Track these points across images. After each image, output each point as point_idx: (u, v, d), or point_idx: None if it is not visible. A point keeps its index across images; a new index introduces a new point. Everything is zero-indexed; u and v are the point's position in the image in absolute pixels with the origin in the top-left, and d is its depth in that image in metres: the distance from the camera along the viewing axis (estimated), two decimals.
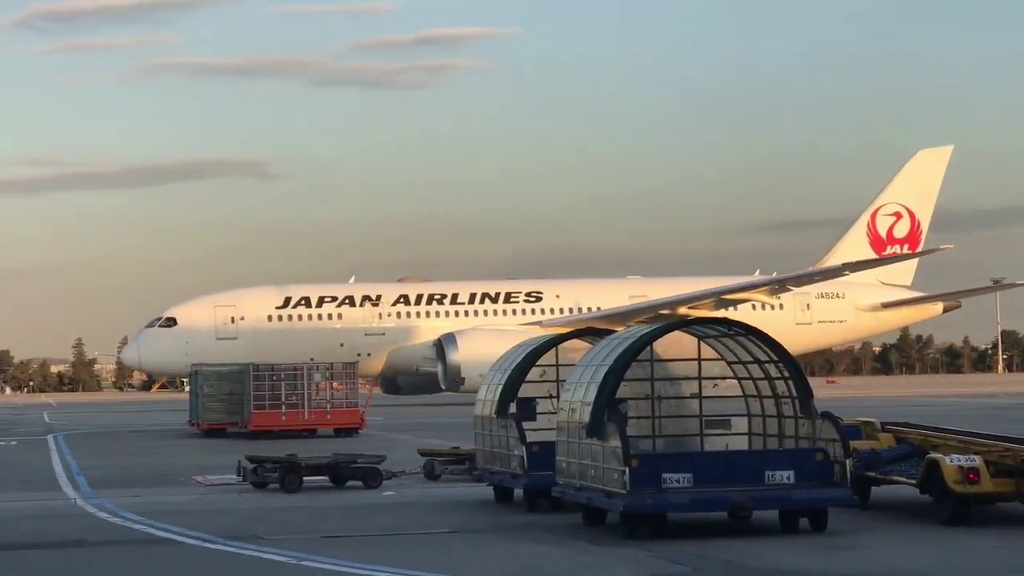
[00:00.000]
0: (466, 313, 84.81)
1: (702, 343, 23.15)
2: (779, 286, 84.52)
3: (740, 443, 23.14)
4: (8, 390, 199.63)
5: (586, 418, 21.16)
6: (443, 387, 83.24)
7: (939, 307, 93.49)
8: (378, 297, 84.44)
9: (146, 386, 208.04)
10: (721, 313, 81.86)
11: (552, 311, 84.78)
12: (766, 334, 22.40)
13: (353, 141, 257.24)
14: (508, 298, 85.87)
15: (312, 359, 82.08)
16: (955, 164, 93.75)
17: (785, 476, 20.82)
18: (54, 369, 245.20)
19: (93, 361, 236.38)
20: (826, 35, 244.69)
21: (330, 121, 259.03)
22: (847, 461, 20.89)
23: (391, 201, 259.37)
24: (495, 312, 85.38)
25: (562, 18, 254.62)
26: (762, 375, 22.73)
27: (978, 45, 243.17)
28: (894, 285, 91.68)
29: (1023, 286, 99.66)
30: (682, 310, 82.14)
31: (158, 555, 20.41)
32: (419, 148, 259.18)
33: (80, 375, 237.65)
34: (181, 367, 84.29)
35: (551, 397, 25.54)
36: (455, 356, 78.43)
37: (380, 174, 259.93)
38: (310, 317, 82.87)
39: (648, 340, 21.93)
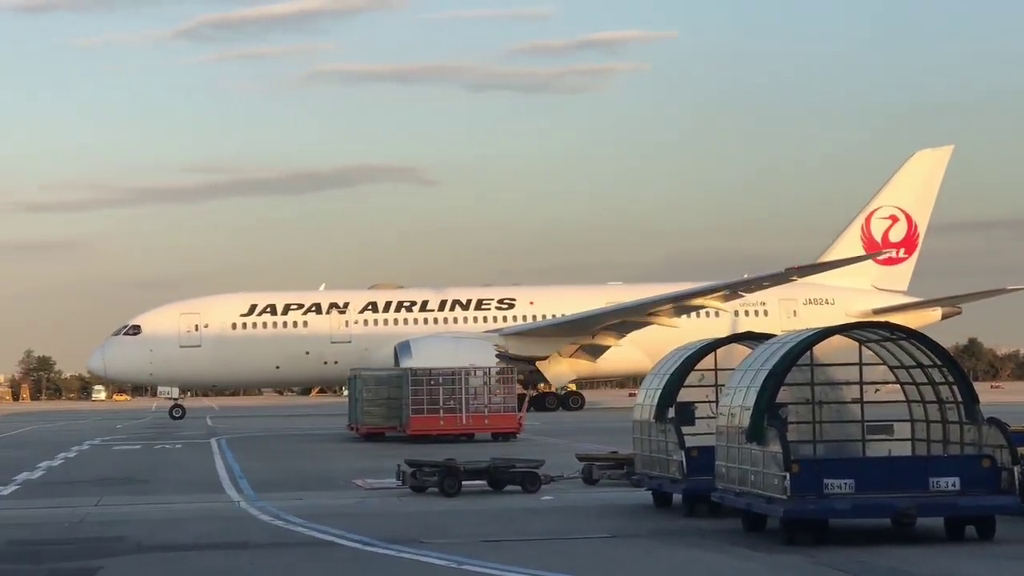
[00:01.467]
0: (435, 320, 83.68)
1: (863, 347, 22.81)
2: (732, 292, 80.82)
3: (903, 449, 22.76)
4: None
5: (746, 423, 20.98)
6: None
7: (937, 313, 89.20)
8: (345, 304, 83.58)
9: (305, 391, 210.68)
10: (680, 320, 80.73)
11: (524, 318, 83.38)
12: (929, 338, 21.98)
13: (509, 146, 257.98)
14: (479, 305, 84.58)
15: (278, 367, 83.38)
16: (956, 165, 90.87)
17: (950, 483, 20.42)
18: None
19: None
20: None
21: (485, 126, 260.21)
22: (1015, 468, 20.45)
23: (547, 205, 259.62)
24: (465, 319, 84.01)
25: (720, 21, 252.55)
26: (925, 380, 22.33)
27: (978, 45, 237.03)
28: (889, 291, 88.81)
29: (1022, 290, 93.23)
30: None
31: (319, 558, 20.60)
32: (576, 152, 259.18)
33: None
34: (144, 375, 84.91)
35: (710, 402, 25.39)
36: (409, 364, 75.83)
37: (536, 178, 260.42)
38: (275, 325, 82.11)
39: (808, 344, 21.66)
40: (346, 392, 70.59)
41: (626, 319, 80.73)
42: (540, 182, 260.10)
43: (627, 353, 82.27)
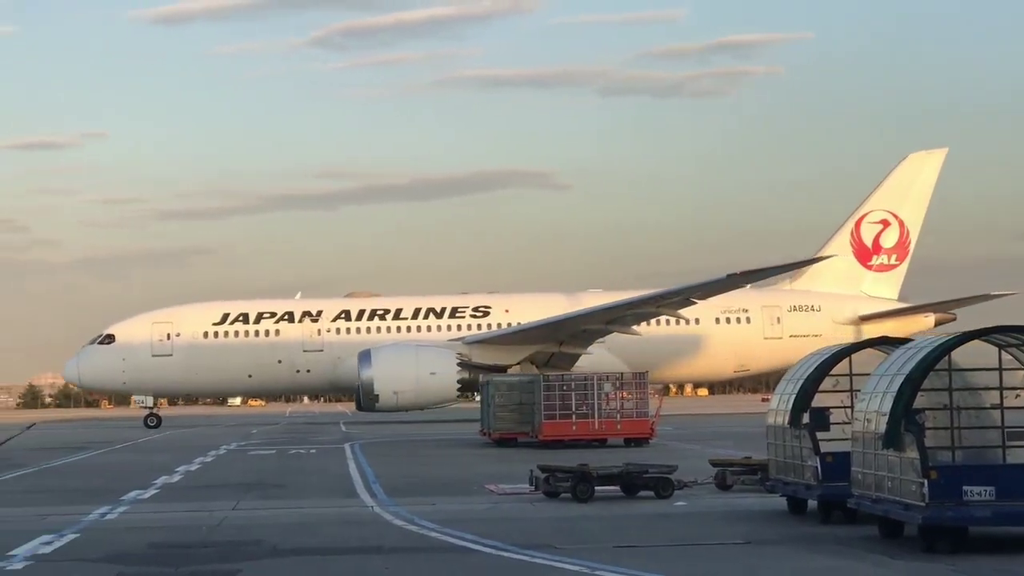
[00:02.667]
0: (408, 329, 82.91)
1: (1003, 352, 22.40)
2: (683, 299, 78.27)
3: None
4: (306, 399, 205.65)
5: (882, 428, 20.71)
6: (360, 406, 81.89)
7: (930, 320, 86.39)
8: (319, 313, 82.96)
9: None
10: (649, 327, 79.74)
11: (500, 326, 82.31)
12: None
13: (641, 150, 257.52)
14: (454, 313, 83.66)
15: (250, 375, 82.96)
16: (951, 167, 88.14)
17: None
18: None
19: None
20: None
21: (618, 130, 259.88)
22: None
23: (680, 209, 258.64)
24: (439, 327, 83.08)
25: (857, 22, 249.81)
26: None
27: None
28: (879, 298, 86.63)
29: (1014, 295, 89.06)
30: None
31: (453, 562, 20.69)
32: (709, 156, 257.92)
33: None
34: (117, 384, 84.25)
35: (845, 407, 25.10)
36: (368, 373, 76.64)
37: (668, 183, 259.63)
38: (247, 333, 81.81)
39: (946, 349, 21.31)
40: (479, 398, 70.74)
41: (586, 327, 79.65)
42: (672, 186, 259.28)
43: (605, 361, 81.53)
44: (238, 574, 19.27)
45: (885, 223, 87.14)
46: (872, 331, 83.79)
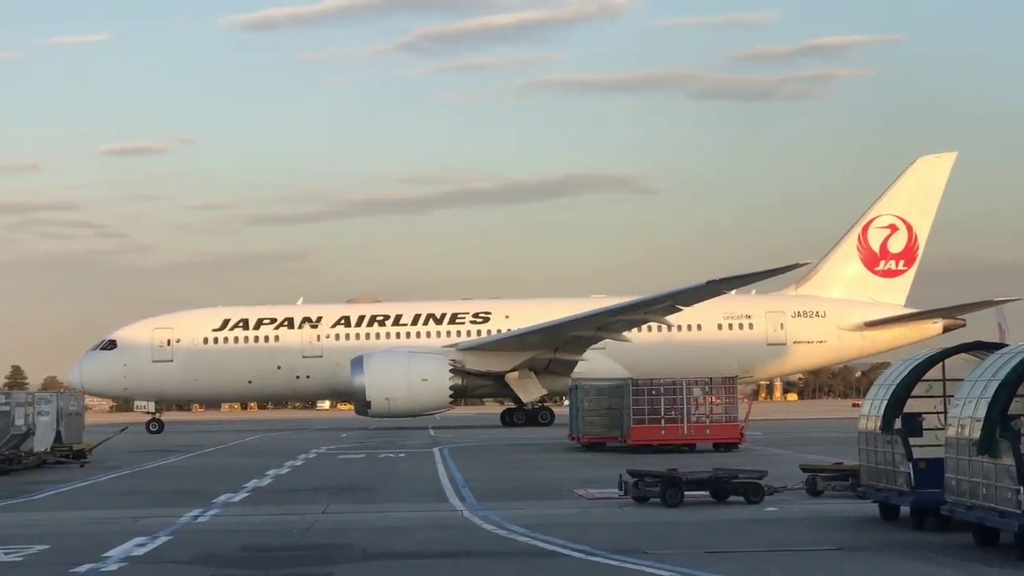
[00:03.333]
0: (408, 335, 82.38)
1: None
2: (669, 306, 77.36)
3: None
4: None
5: (977, 434, 20.46)
6: (356, 411, 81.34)
7: (939, 326, 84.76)
8: (318, 319, 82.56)
9: None
10: (641, 333, 79.15)
11: (499, 332, 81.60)
12: None
13: (731, 154, 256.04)
14: (454, 319, 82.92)
15: (250, 381, 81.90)
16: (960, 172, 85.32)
17: None
18: None
19: None
20: None
21: (708, 134, 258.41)
22: None
23: (769, 212, 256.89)
24: (438, 333, 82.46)
25: (950, 22, 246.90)
26: None
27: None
28: (886, 303, 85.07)
29: (1018, 300, 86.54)
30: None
31: (543, 567, 20.66)
32: (799, 159, 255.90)
33: None
34: (119, 389, 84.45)
35: (938, 412, 24.84)
36: (360, 379, 76.11)
37: (759, 186, 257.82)
38: (246, 339, 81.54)
39: None
40: (567, 402, 70.47)
41: (576, 333, 79.05)
42: (762, 191, 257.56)
43: (606, 367, 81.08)
44: None
45: (893, 228, 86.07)
46: (878, 337, 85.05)
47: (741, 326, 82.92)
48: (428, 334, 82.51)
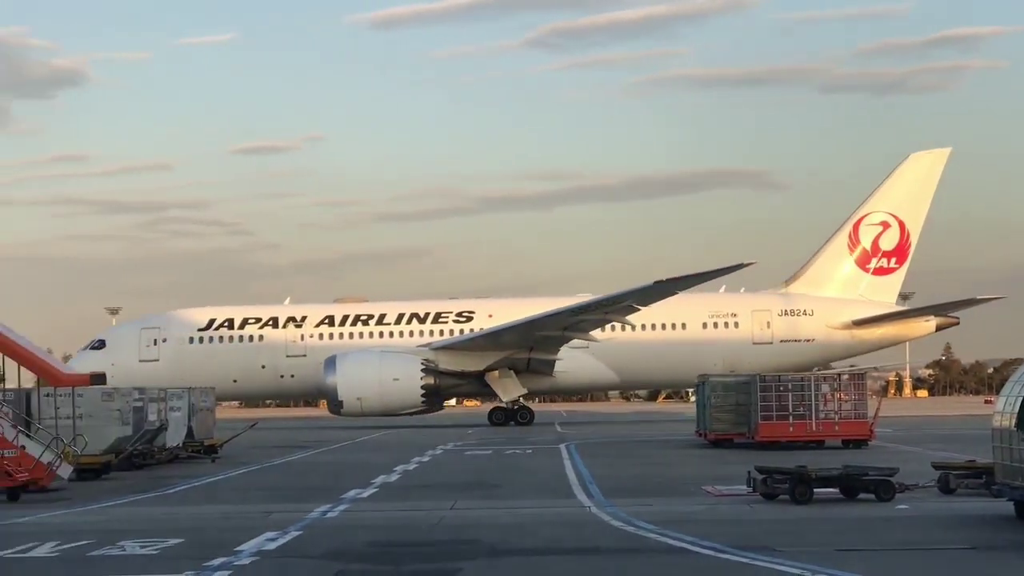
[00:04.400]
0: (391, 334, 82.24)
1: None
2: (628, 306, 76.48)
3: None
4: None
5: None
6: (329, 411, 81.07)
7: (931, 324, 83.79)
8: (303, 318, 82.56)
9: (651, 396, 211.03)
10: (605, 333, 78.35)
11: (481, 331, 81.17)
12: None
13: (859, 148, 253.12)
14: (437, 318, 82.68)
15: (235, 380, 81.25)
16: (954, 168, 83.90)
17: None
18: None
19: None
20: None
21: (836, 128, 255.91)
22: None
23: None
24: (421, 333, 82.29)
25: None
26: None
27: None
28: (877, 301, 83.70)
29: (1002, 299, 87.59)
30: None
31: (672, 564, 20.56)
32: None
33: None
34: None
35: None
36: (332, 379, 75.81)
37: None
38: (231, 339, 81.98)
39: None
40: (693, 399, 70.15)
41: (546, 332, 78.68)
42: None
43: (590, 366, 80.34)
44: (458, 573, 19.40)
45: (885, 225, 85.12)
46: (867, 336, 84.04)
47: (727, 324, 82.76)
48: (411, 333, 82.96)
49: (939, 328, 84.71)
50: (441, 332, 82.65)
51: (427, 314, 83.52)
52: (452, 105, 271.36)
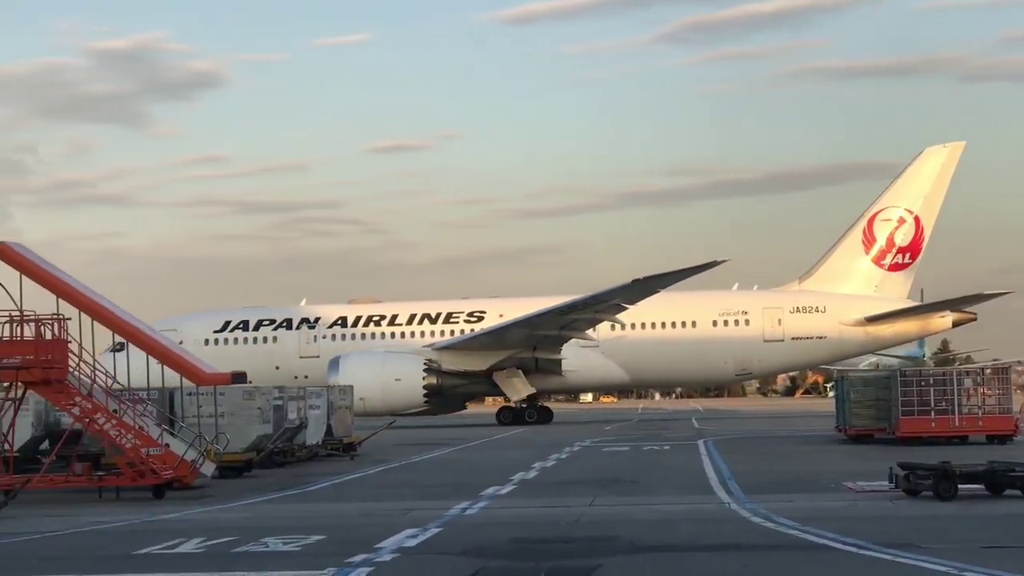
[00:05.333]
0: (403, 335, 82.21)
1: None
2: (616, 305, 76.29)
3: None
4: (657, 395, 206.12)
5: None
6: None
7: (947, 320, 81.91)
8: (316, 319, 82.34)
9: (789, 391, 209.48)
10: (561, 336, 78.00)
11: (480, 330, 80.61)
12: None
13: (1002, 139, 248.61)
14: (448, 318, 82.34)
15: (250, 381, 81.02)
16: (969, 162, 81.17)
17: None
18: None
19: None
20: None
21: (976, 117, 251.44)
22: None
23: None
24: (432, 333, 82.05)
25: None
26: None
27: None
28: (890, 298, 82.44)
29: (1010, 293, 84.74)
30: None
31: (815, 561, 20.33)
32: None
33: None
34: None
35: None
36: (335, 379, 74.47)
37: None
38: (245, 340, 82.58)
39: None
40: (831, 394, 69.41)
41: (544, 332, 78.69)
42: None
43: (599, 364, 79.36)
44: (598, 570, 19.36)
45: (900, 220, 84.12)
46: (880, 332, 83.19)
47: (737, 322, 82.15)
48: (423, 334, 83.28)
49: (956, 324, 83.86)
50: (452, 332, 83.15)
51: (438, 314, 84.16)
52: (585, 101, 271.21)
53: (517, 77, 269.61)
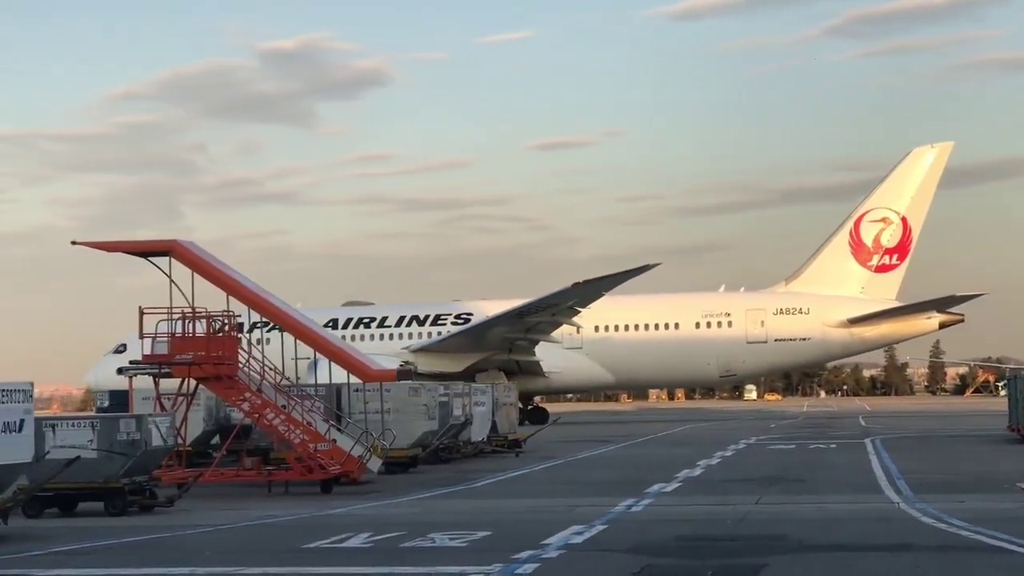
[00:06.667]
0: (391, 336, 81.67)
1: None
2: (571, 308, 75.49)
3: None
4: (823, 393, 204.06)
5: None
6: None
7: (934, 321, 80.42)
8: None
9: (958, 390, 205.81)
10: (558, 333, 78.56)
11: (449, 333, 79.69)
12: None
13: None
14: (436, 320, 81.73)
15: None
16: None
17: None
18: (866, 373, 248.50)
19: (905, 365, 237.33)
20: None
21: None
22: None
23: None
24: (419, 335, 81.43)
25: None
26: None
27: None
28: (877, 299, 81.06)
29: (984, 295, 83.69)
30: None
31: (988, 563, 19.92)
32: None
33: (892, 379, 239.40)
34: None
35: None
36: (311, 382, 73.64)
37: None
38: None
39: None
40: (1004, 392, 68.09)
41: (512, 335, 78.40)
42: None
43: (584, 366, 77.80)
44: (765, 569, 19.19)
45: (886, 221, 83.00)
46: (866, 333, 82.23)
47: (720, 324, 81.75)
48: (411, 335, 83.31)
49: (943, 325, 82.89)
50: (439, 334, 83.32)
51: (426, 316, 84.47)
52: (751, 96, 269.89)
53: (681, 73, 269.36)
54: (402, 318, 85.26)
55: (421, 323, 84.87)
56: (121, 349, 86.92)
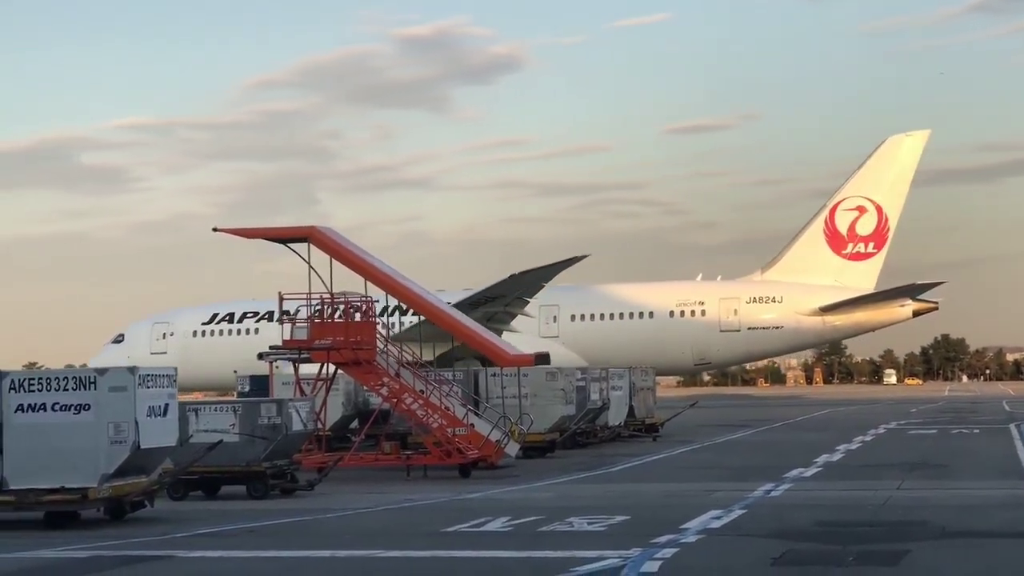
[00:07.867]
0: (382, 326, 78.18)
1: None
2: (520, 299, 74.05)
3: None
4: (965, 378, 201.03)
5: None
6: None
7: (907, 310, 78.65)
8: (296, 312, 79.02)
9: None
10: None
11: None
12: None
13: None
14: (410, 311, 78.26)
15: (235, 371, 79.22)
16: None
17: None
18: (1010, 357, 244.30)
19: None
20: None
21: None
22: None
23: None
24: (403, 324, 76.94)
25: None
26: None
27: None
28: (854, 287, 79.44)
29: (942, 284, 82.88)
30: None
31: None
32: None
33: None
34: None
35: None
36: (288, 371, 72.15)
37: None
38: (230, 332, 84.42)
39: None
40: None
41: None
42: None
43: (559, 353, 76.48)
44: (907, 555, 18.95)
45: (861, 209, 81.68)
46: (839, 322, 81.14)
47: (693, 312, 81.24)
48: (394, 325, 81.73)
49: (916, 314, 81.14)
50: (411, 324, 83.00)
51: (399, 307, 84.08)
52: (891, 76, 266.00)
53: (820, 54, 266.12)
54: (386, 308, 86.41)
55: (404, 312, 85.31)
56: (119, 339, 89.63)
